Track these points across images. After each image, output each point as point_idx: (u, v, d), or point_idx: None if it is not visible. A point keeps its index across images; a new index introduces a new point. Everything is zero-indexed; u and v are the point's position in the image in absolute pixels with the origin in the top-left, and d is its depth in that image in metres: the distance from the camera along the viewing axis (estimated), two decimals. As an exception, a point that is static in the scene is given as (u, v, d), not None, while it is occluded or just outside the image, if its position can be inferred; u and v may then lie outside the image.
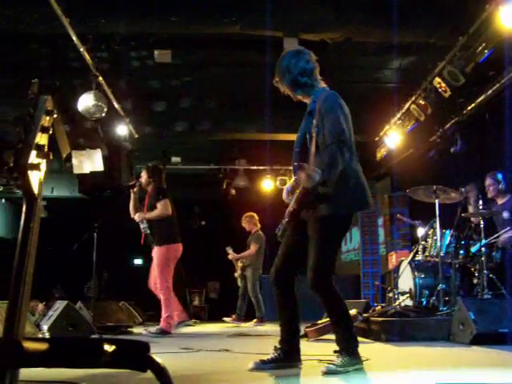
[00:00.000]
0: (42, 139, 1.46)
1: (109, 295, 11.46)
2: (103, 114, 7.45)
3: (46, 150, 1.45)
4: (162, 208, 6.94)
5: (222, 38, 7.07)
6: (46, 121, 1.49)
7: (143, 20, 6.80)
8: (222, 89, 8.21)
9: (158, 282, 6.92)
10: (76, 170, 8.55)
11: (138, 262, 14.29)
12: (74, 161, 8.53)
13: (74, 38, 6.50)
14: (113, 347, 1.19)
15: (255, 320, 9.96)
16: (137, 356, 1.23)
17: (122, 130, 9.07)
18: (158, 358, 1.26)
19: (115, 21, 6.65)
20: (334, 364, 3.44)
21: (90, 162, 8.47)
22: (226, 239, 10.76)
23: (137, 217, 7.08)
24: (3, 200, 13.74)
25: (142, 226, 7.09)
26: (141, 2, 6.38)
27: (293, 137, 3.91)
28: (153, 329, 6.94)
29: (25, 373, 1.39)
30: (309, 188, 3.45)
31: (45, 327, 6.34)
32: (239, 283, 10.32)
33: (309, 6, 6.44)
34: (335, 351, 3.59)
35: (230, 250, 10.24)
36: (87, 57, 6.96)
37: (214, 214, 10.34)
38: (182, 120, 9.60)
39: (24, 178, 1.36)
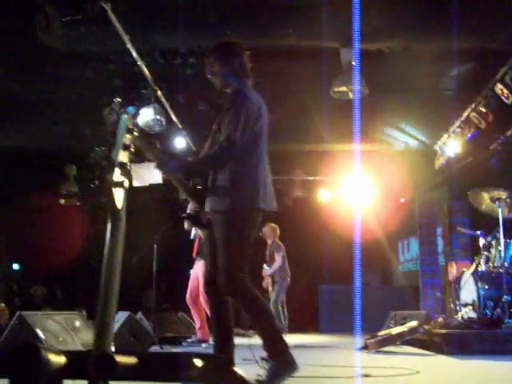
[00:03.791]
0: (124, 157, 1.51)
1: (167, 306, 11.59)
2: (163, 128, 7.58)
3: (128, 167, 1.50)
4: None
5: (278, 50, 7.10)
6: (127, 139, 1.54)
7: (200, 34, 6.91)
8: (277, 100, 8.24)
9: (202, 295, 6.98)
10: (136, 183, 8.66)
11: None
12: (134, 173, 8.66)
13: (134, 54, 6.66)
14: (200, 362, 1.21)
15: None
16: (223, 370, 1.25)
17: (180, 142, 9.19)
18: (243, 372, 1.28)
19: (173, 35, 6.78)
20: (259, 380, 3.01)
21: (150, 174, 8.57)
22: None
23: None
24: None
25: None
26: (197, 16, 6.48)
27: (347, 147, 3.88)
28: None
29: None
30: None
31: (108, 337, 6.46)
32: (271, 295, 9.76)
33: (365, 16, 6.40)
34: (262, 358, 3.28)
35: (267, 267, 9.86)
36: (146, 71, 7.10)
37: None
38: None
39: (109, 195, 1.41)
